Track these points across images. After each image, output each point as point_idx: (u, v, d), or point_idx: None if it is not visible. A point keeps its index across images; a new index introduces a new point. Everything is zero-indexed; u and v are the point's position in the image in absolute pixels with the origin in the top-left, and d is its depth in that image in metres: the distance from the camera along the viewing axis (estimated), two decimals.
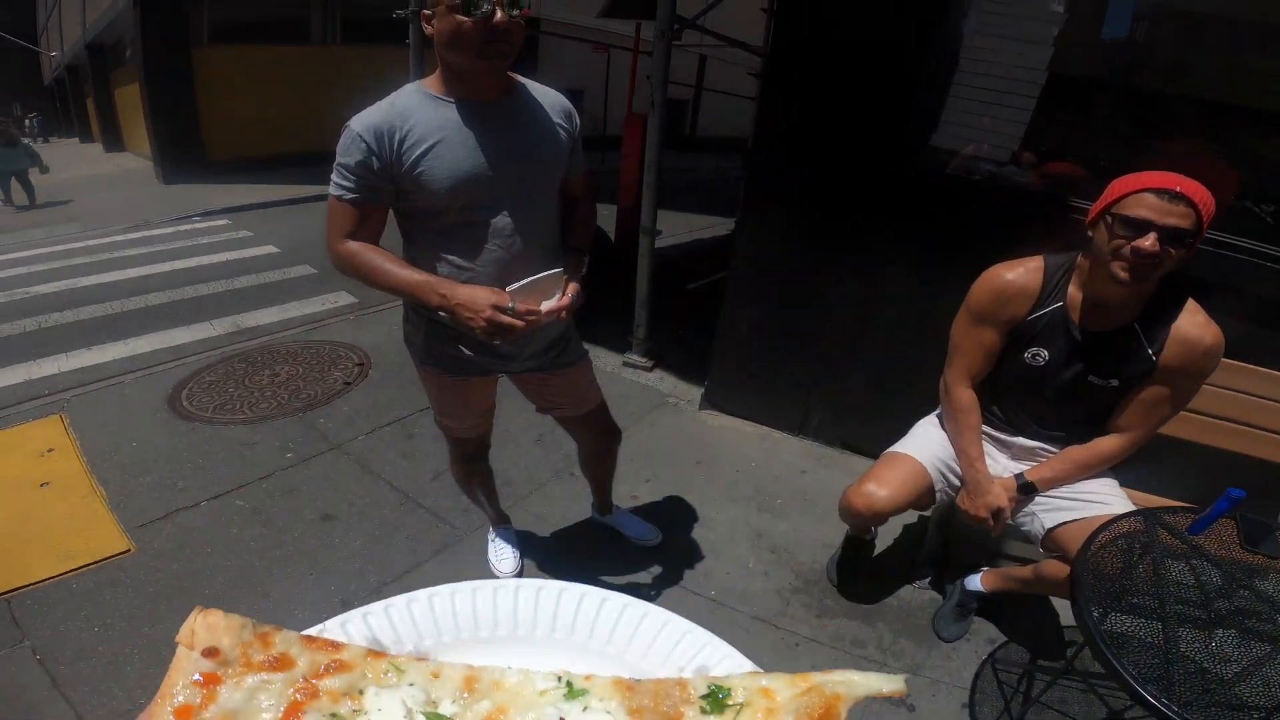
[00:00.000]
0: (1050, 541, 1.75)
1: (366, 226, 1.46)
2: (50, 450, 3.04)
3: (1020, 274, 1.72)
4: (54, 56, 26.35)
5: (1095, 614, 1.25)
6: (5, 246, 7.43)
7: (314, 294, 5.29)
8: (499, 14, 1.29)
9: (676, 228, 8.08)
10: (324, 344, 4.14)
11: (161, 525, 2.55)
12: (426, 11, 1.36)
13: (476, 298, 1.38)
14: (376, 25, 6.74)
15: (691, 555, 2.47)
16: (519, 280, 1.43)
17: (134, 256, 6.62)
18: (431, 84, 1.46)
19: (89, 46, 17.51)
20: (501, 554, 2.36)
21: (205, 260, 6.43)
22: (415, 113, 1.41)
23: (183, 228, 8.10)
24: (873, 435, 2.76)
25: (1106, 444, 1.73)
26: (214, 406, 3.40)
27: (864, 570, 2.35)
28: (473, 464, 2.09)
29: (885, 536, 2.56)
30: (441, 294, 1.40)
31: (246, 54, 11.82)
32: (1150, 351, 1.60)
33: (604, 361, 3.87)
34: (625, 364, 3.87)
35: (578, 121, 1.61)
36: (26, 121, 30.85)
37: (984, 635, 2.17)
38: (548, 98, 1.57)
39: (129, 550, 2.41)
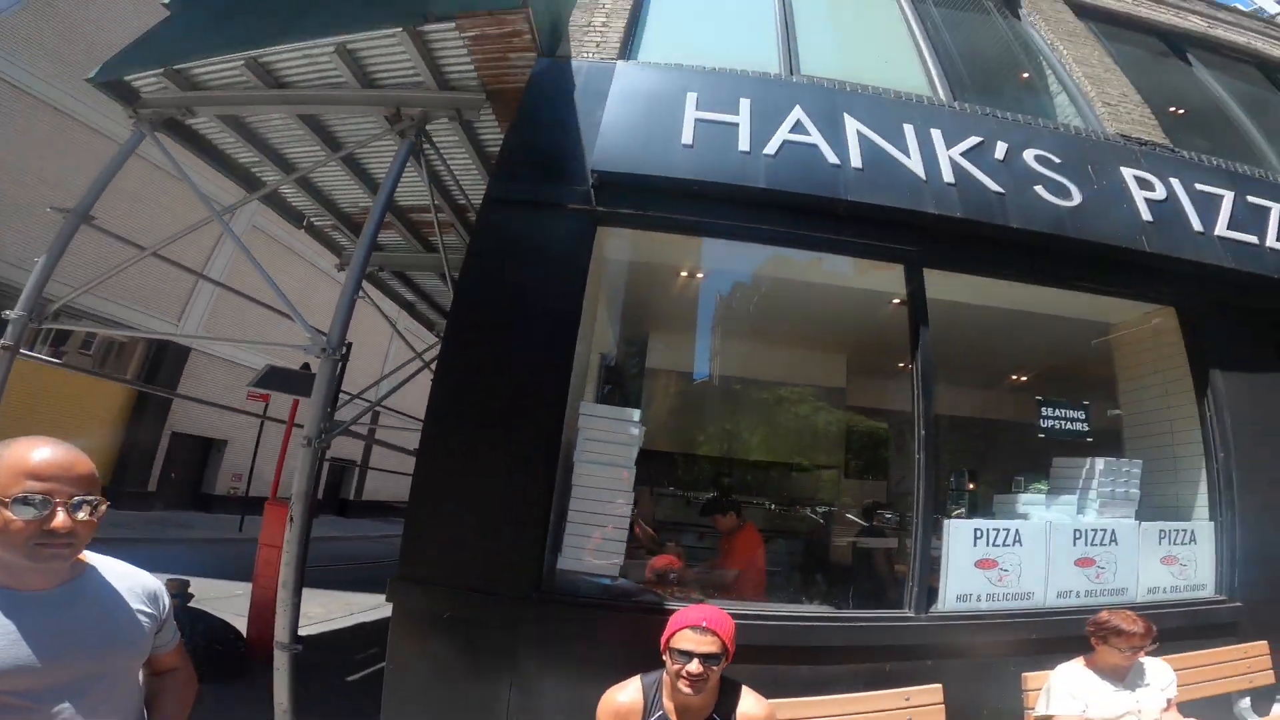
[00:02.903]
0: None
1: None
2: None
3: (628, 693, 2.24)
4: None
5: None
6: None
7: None
8: (59, 516, 1.17)
9: (334, 608, 7.30)
10: None
11: None
12: None
13: None
14: None
15: None
16: None
17: None
18: None
19: None
20: None
21: None
22: None
23: None
24: None
25: None
26: None
27: None
28: None
29: None
30: None
31: None
32: None
33: None
34: None
35: (165, 603, 1.52)
36: None
37: None
38: (125, 580, 1.45)
39: None
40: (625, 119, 3.83)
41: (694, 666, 2.06)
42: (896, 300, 3.86)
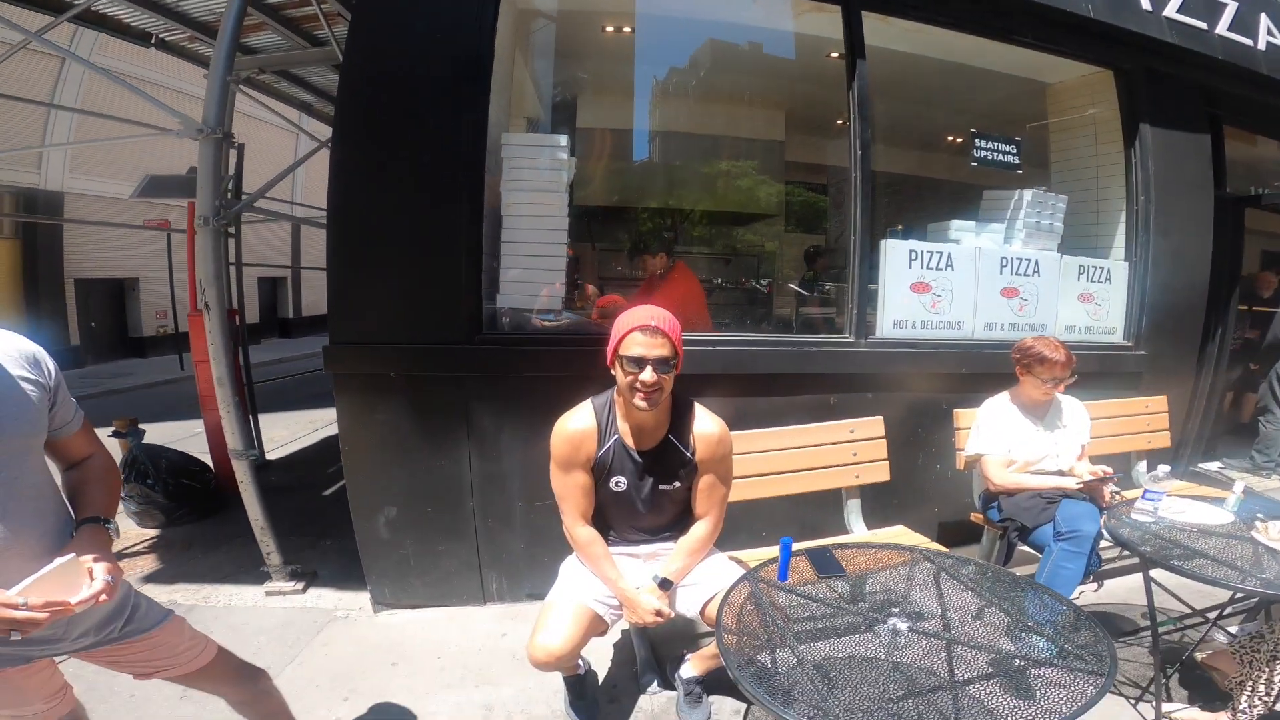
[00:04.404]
0: (705, 620, 2.07)
1: None
2: None
3: (579, 419, 2.05)
4: None
5: (741, 675, 1.46)
6: None
7: None
8: None
9: (297, 429, 7.34)
10: None
11: None
12: None
13: None
14: None
15: None
16: (24, 578, 1.16)
17: None
18: None
19: None
20: None
21: None
22: None
23: None
24: (550, 579, 2.92)
25: (700, 529, 2.14)
26: None
27: (598, 698, 2.42)
28: None
29: (602, 658, 2.68)
30: None
31: None
32: (687, 454, 2.07)
33: (243, 597, 3.33)
34: (270, 594, 3.31)
35: (50, 368, 1.35)
36: None
37: (729, 708, 2.40)
38: (3, 344, 1.29)
39: None
40: None
41: (648, 375, 1.88)
42: (835, 54, 3.59)
